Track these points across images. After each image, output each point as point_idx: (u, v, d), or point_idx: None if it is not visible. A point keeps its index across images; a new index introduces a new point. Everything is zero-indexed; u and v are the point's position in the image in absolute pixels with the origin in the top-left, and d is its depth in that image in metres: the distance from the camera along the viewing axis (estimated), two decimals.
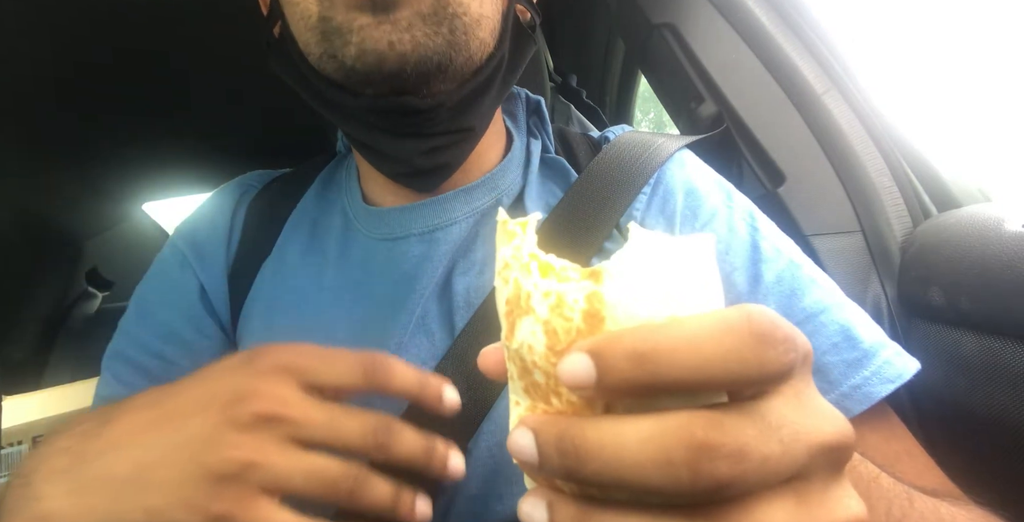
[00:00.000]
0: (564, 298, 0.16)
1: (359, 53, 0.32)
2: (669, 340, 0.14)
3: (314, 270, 0.43)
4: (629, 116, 1.33)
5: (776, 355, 0.14)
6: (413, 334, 0.39)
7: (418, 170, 0.38)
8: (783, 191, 0.58)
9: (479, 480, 0.36)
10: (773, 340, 0.14)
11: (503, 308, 0.18)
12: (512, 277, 0.17)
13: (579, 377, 0.14)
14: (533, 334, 0.16)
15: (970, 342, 0.44)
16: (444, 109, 0.36)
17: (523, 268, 0.17)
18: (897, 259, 0.54)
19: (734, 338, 0.14)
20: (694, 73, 0.63)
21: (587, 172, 0.43)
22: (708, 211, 0.42)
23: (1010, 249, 0.42)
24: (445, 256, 0.40)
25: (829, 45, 0.59)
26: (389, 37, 0.32)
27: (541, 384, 0.17)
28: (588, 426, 0.15)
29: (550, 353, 0.16)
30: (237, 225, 0.46)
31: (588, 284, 0.16)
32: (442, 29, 0.33)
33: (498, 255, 0.18)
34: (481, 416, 0.37)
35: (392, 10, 0.31)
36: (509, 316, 0.17)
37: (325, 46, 0.33)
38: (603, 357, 0.14)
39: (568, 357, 0.15)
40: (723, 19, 0.61)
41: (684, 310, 0.15)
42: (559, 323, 0.16)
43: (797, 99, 0.59)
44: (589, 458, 0.14)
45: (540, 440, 0.15)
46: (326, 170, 0.50)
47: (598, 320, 0.15)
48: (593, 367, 0.14)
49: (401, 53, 0.32)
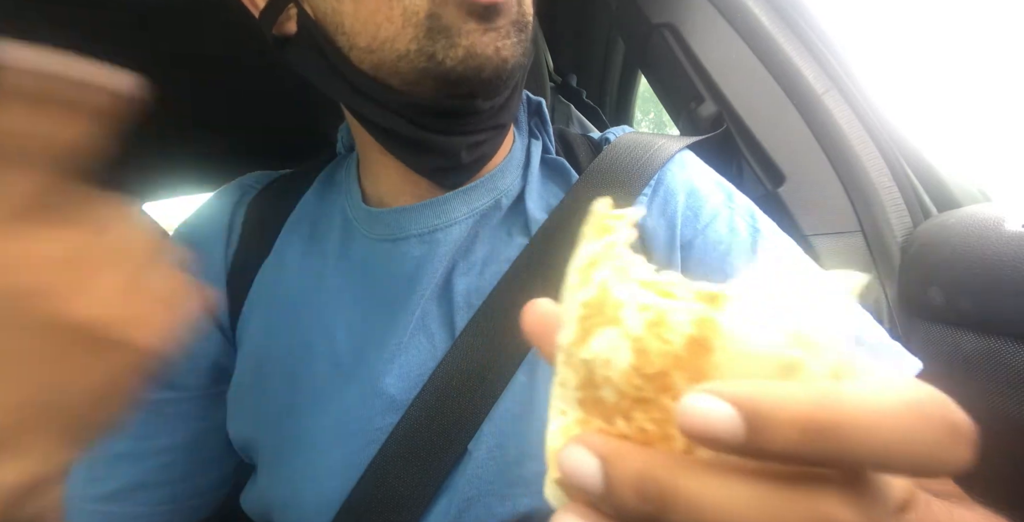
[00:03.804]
0: (667, 317, 0.14)
1: (466, 56, 0.33)
2: (853, 416, 0.12)
3: (314, 271, 0.43)
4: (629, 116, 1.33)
5: (964, 454, 0.12)
6: (413, 334, 0.39)
7: (460, 163, 0.39)
8: (783, 191, 0.58)
9: (479, 481, 0.36)
10: (966, 438, 0.13)
11: (577, 310, 0.16)
12: (599, 279, 0.15)
13: (716, 429, 0.12)
14: (615, 349, 0.14)
15: (970, 342, 0.44)
16: (494, 109, 0.38)
17: (618, 271, 0.15)
18: (897, 259, 0.54)
19: (927, 430, 0.12)
20: (694, 73, 0.63)
21: (588, 173, 0.43)
22: (709, 212, 0.42)
23: (1010, 249, 0.42)
24: (445, 257, 0.40)
25: (829, 45, 0.59)
26: (496, 43, 0.33)
27: (608, 402, 0.15)
28: (683, 475, 0.13)
29: (635, 374, 0.14)
30: (236, 226, 0.46)
31: (701, 307, 0.14)
32: (523, 36, 0.35)
33: (582, 249, 0.16)
34: (482, 417, 0.37)
35: (495, 18, 0.33)
36: (585, 321, 0.15)
37: (423, 43, 0.33)
38: (764, 417, 0.12)
39: (700, 399, 0.12)
40: (723, 19, 0.61)
41: (814, 358, 0.13)
42: (654, 344, 0.14)
43: (797, 99, 0.59)
44: (679, 512, 0.12)
45: (612, 472, 0.13)
46: (326, 171, 0.50)
47: (705, 350, 0.14)
48: (742, 424, 0.12)
49: (504, 58, 0.34)
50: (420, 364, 0.39)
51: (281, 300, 0.43)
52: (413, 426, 0.37)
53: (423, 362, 0.39)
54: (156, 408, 0.42)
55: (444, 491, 0.37)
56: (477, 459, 0.36)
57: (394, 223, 0.41)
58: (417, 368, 0.38)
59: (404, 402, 0.38)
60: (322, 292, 0.42)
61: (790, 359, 0.13)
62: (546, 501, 0.17)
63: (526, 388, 0.37)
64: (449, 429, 0.37)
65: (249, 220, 0.46)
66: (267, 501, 0.40)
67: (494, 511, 0.35)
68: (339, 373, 0.39)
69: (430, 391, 0.37)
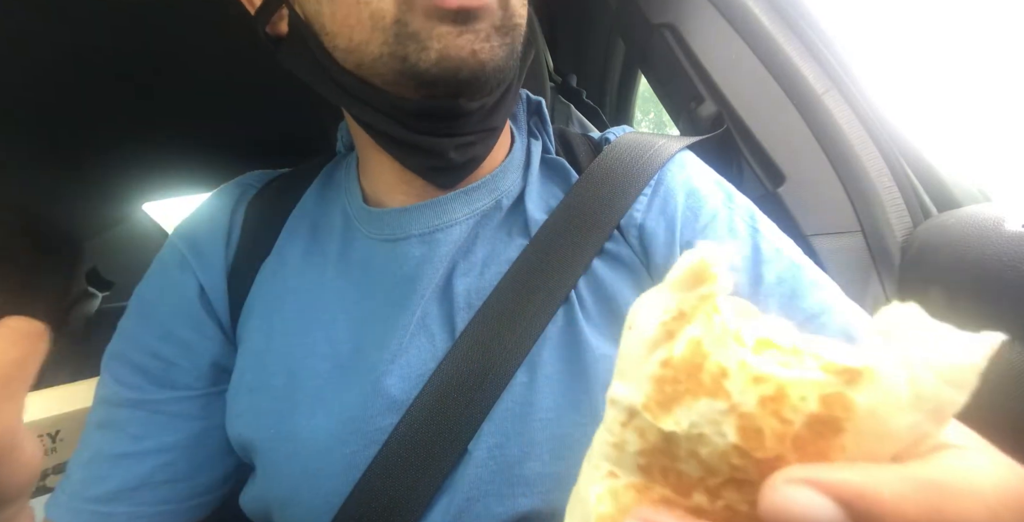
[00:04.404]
0: (788, 391, 0.12)
1: (440, 58, 0.33)
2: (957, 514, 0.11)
3: (315, 271, 0.43)
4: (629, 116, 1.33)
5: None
6: (414, 335, 0.39)
7: (451, 164, 0.39)
8: (783, 191, 0.58)
9: (479, 481, 0.36)
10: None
11: (653, 369, 0.13)
12: (691, 336, 0.13)
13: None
14: (715, 424, 0.12)
15: None
16: (483, 111, 0.38)
17: (725, 335, 0.13)
18: (897, 259, 0.54)
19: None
20: (694, 73, 0.63)
21: (588, 173, 0.43)
22: (709, 212, 0.42)
23: (1010, 249, 0.42)
24: (445, 257, 0.40)
25: (829, 45, 0.59)
26: (472, 46, 0.33)
27: (689, 476, 0.13)
28: None
29: (737, 454, 0.12)
30: (236, 225, 0.46)
31: (832, 380, 0.12)
32: (507, 39, 0.35)
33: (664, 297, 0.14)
34: (482, 417, 0.37)
35: (471, 21, 0.33)
36: (667, 384, 0.13)
37: (395, 48, 0.33)
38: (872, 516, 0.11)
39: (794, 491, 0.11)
40: (723, 19, 0.61)
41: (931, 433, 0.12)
42: (770, 423, 0.12)
43: (797, 99, 0.59)
44: None
45: None
46: (326, 170, 0.50)
47: (833, 431, 0.12)
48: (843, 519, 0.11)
49: (481, 61, 0.34)
50: (421, 364, 0.39)
51: (282, 299, 0.43)
52: (413, 426, 0.37)
53: (423, 362, 0.39)
54: (155, 408, 0.42)
55: (444, 491, 0.37)
56: (477, 459, 0.36)
57: (394, 223, 0.41)
58: (418, 368, 0.38)
59: (404, 402, 0.38)
60: (323, 291, 0.42)
61: (923, 434, 0.12)
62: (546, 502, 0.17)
63: (526, 388, 0.37)
64: (449, 429, 0.37)
65: (249, 219, 0.46)
66: (267, 501, 0.40)
67: (494, 511, 0.35)
68: (340, 373, 0.39)
69: (430, 391, 0.37)
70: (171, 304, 0.44)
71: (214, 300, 0.44)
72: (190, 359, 0.43)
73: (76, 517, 0.39)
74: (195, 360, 0.43)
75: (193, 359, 0.43)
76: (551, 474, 0.35)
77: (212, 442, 0.43)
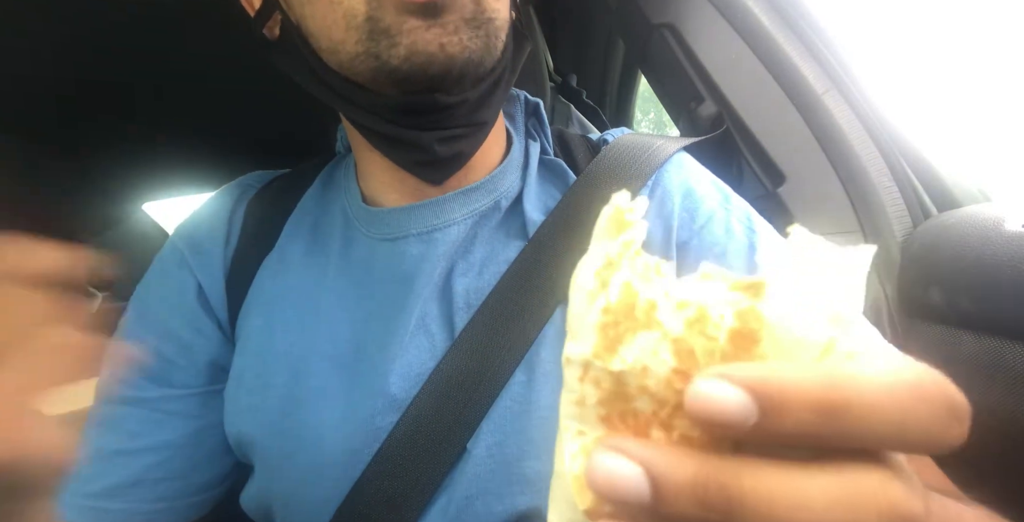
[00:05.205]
0: (708, 312, 0.13)
1: (409, 54, 0.33)
2: (863, 397, 0.12)
3: (317, 270, 0.43)
4: (629, 116, 1.33)
5: (960, 431, 0.13)
6: (414, 334, 0.39)
7: (437, 158, 0.39)
8: (783, 191, 0.58)
9: (478, 480, 0.36)
10: (962, 415, 0.13)
11: (596, 318, 0.14)
12: (621, 280, 0.14)
13: (727, 412, 0.12)
14: (655, 354, 0.13)
15: (970, 342, 0.44)
16: (467, 105, 0.37)
17: (647, 269, 0.14)
18: (897, 259, 0.54)
19: (927, 408, 0.13)
20: (694, 73, 0.63)
21: (585, 174, 0.43)
22: (705, 213, 0.42)
23: (1010, 249, 0.42)
24: (444, 257, 0.40)
25: (829, 45, 0.59)
26: (440, 40, 0.33)
27: (645, 413, 0.14)
28: (747, 473, 0.12)
29: (677, 378, 0.13)
30: (236, 225, 0.46)
31: (740, 297, 0.13)
32: (480, 32, 0.34)
33: (595, 249, 0.15)
34: (481, 415, 0.37)
35: (440, 14, 0.33)
36: (609, 329, 0.14)
37: (368, 45, 0.33)
38: (776, 400, 0.12)
39: (710, 384, 0.12)
40: (723, 19, 0.61)
41: (846, 337, 0.13)
42: (699, 342, 0.13)
43: (797, 99, 0.59)
44: (749, 515, 0.12)
45: (662, 480, 0.13)
46: (325, 170, 0.50)
47: (751, 342, 0.13)
48: (753, 406, 0.12)
49: (450, 55, 0.33)
50: (420, 364, 0.39)
51: (282, 298, 0.43)
52: (413, 425, 0.37)
53: (423, 362, 0.39)
54: (153, 405, 0.42)
55: (443, 489, 0.37)
56: (476, 458, 0.36)
57: (393, 222, 0.41)
58: (417, 367, 0.39)
59: (404, 401, 0.38)
60: (324, 291, 0.42)
61: (829, 340, 0.13)
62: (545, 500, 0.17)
63: (525, 387, 0.37)
64: (449, 428, 0.37)
65: (249, 219, 0.47)
66: (267, 499, 0.40)
67: (493, 510, 0.35)
68: (341, 372, 0.39)
69: (430, 390, 0.38)
70: (170, 303, 0.44)
71: (212, 299, 0.44)
72: (188, 358, 0.43)
73: (72, 512, 0.39)
74: (193, 359, 0.43)
75: (191, 358, 0.43)
76: (550, 472, 0.35)
77: (209, 440, 0.43)
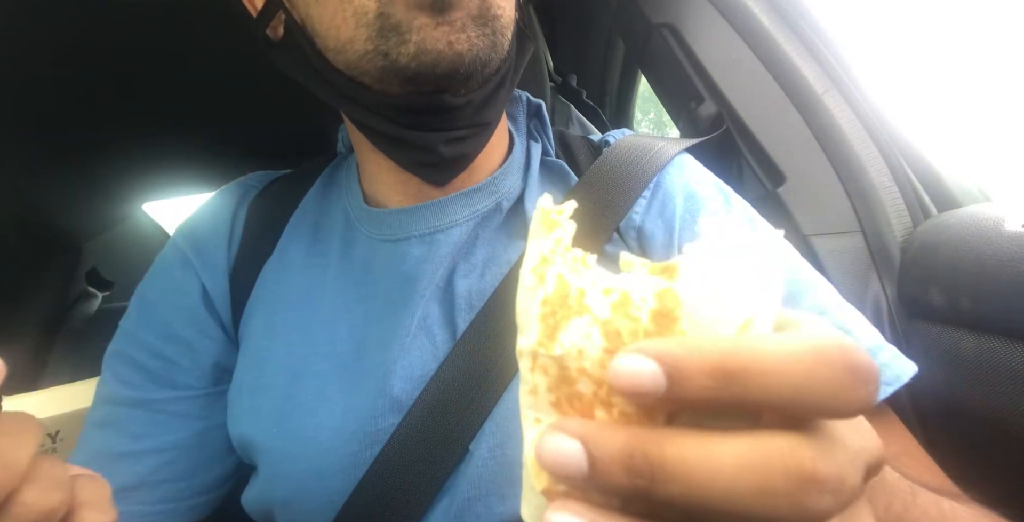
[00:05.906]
0: (630, 296, 0.14)
1: (418, 52, 0.33)
2: (759, 362, 0.13)
3: (318, 271, 0.43)
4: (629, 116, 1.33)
5: (866, 393, 0.13)
6: (415, 336, 0.39)
7: (441, 159, 0.39)
8: (783, 191, 0.58)
9: (480, 480, 0.36)
10: (866, 378, 0.13)
11: (537, 310, 0.15)
12: (554, 273, 0.15)
13: (642, 383, 0.13)
14: (587, 337, 0.15)
15: (970, 342, 0.44)
16: (472, 106, 0.37)
17: (575, 262, 0.16)
18: (897, 259, 0.54)
19: (828, 371, 0.13)
20: (694, 73, 0.63)
21: (587, 176, 0.43)
22: (707, 215, 0.42)
23: (1010, 249, 0.42)
24: (445, 258, 0.40)
25: (829, 45, 0.59)
26: (448, 37, 0.33)
27: (586, 395, 0.15)
28: (667, 442, 0.13)
29: (608, 357, 0.14)
30: (238, 225, 0.46)
31: (659, 280, 0.15)
32: (486, 30, 0.34)
33: (531, 249, 0.16)
34: (483, 416, 0.37)
35: (448, 11, 0.32)
36: (548, 318, 0.15)
37: (378, 43, 0.33)
38: (680, 368, 0.13)
39: (626, 358, 0.13)
40: (723, 19, 0.61)
41: (759, 315, 0.14)
42: (624, 324, 0.14)
43: (797, 99, 0.59)
44: (669, 479, 0.13)
45: (596, 452, 0.14)
46: (327, 171, 0.50)
47: (670, 321, 0.14)
48: (662, 375, 0.13)
49: (458, 53, 0.33)
50: (422, 365, 0.39)
51: (284, 299, 0.43)
52: (415, 426, 0.37)
53: (425, 363, 0.39)
54: (157, 407, 0.42)
55: (445, 490, 0.37)
56: (478, 458, 0.36)
57: (395, 223, 0.41)
58: (419, 369, 0.39)
59: (406, 403, 0.38)
60: (325, 291, 0.42)
61: (747, 319, 0.14)
62: None
63: None
64: (451, 429, 0.37)
65: (251, 219, 0.47)
66: (269, 500, 0.40)
67: (495, 510, 0.36)
68: (342, 373, 0.39)
69: (432, 392, 0.38)
70: (173, 303, 0.44)
71: (216, 300, 0.44)
72: (191, 359, 0.43)
73: None
74: (197, 360, 0.43)
75: (195, 359, 0.43)
76: None
77: (212, 442, 0.43)
